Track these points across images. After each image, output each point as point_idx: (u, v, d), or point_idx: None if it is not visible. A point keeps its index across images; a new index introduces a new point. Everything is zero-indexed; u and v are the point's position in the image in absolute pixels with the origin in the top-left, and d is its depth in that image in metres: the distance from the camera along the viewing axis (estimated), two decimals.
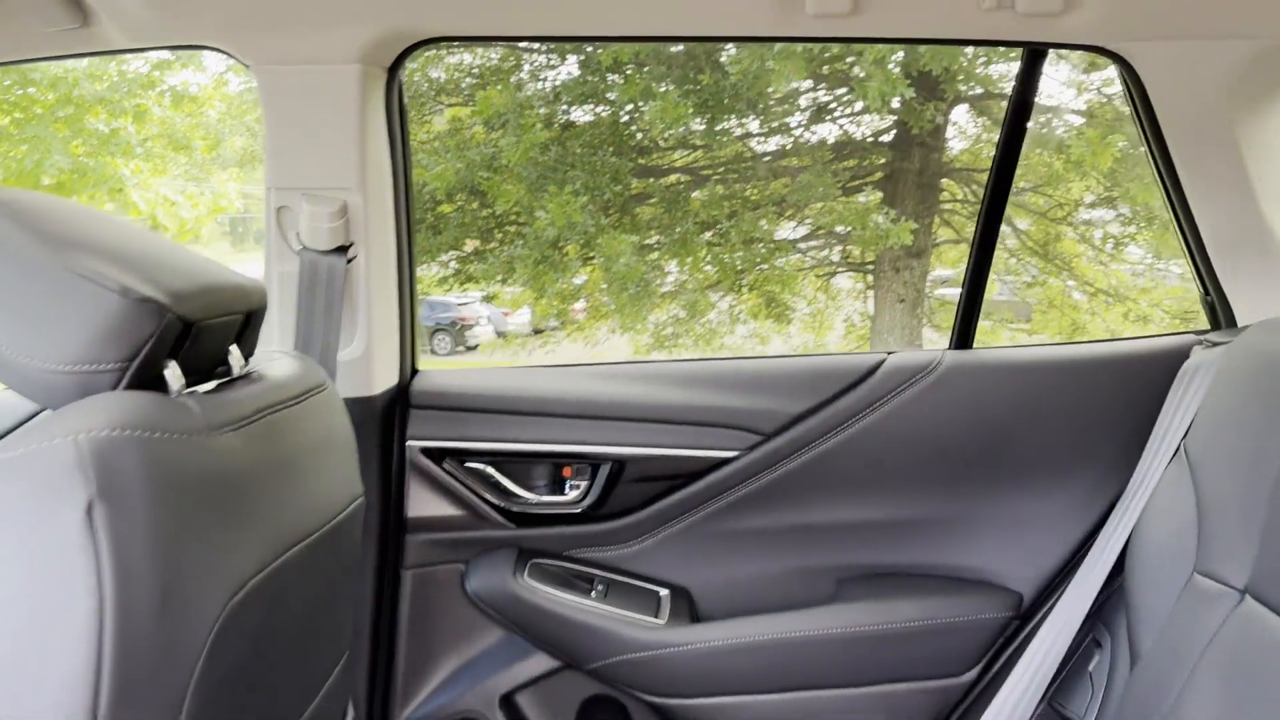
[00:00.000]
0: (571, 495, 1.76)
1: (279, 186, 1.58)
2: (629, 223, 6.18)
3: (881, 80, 4.88)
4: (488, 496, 1.75)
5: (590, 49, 5.95)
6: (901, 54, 4.92)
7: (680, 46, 5.85)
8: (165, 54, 7.60)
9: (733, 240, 6.08)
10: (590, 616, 1.70)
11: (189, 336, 0.99)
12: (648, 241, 6.25)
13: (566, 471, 1.77)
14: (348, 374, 1.63)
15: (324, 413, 1.27)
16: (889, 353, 1.75)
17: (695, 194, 6.28)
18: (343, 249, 1.60)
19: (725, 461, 1.73)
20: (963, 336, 1.77)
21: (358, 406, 1.61)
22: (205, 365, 1.07)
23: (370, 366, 1.65)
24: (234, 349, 1.12)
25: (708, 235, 6.18)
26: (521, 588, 1.71)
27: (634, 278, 5.92)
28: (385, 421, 1.70)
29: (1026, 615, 1.72)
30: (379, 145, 1.61)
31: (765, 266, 6.25)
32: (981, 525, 1.75)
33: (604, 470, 1.74)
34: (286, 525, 1.09)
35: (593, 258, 6.17)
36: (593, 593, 1.73)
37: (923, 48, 5.00)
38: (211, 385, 1.09)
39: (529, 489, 1.77)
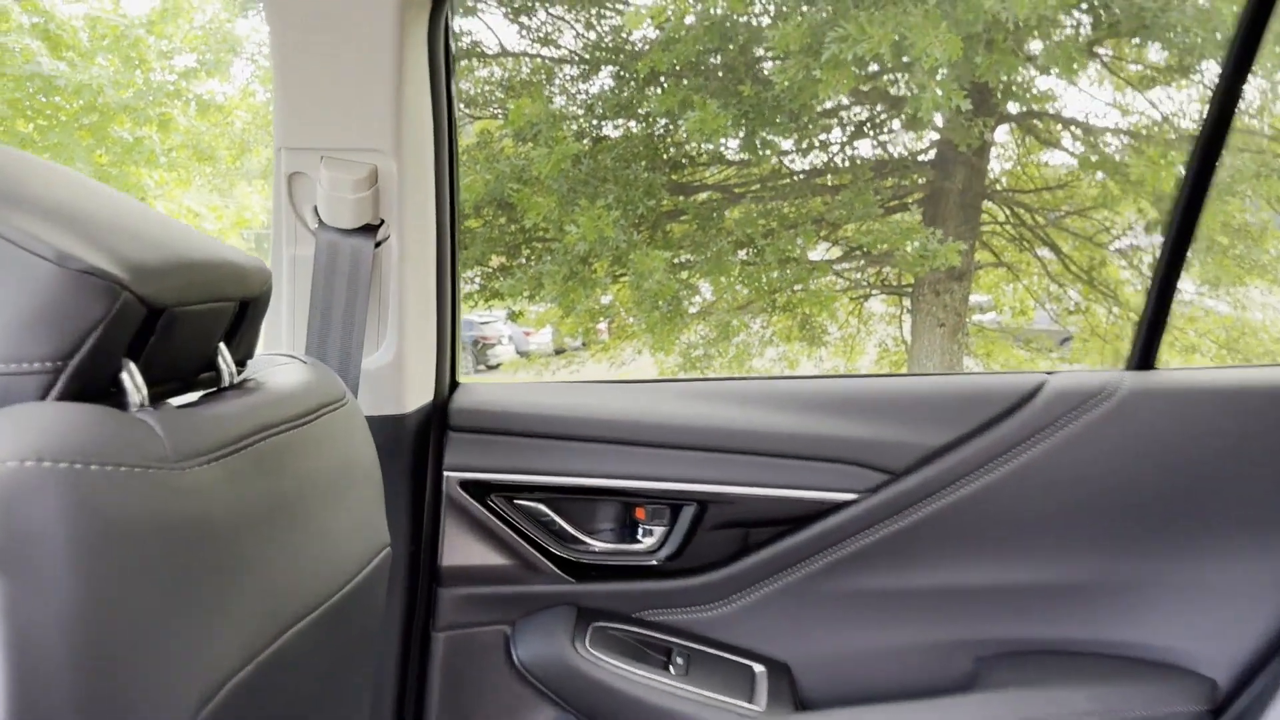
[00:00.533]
0: (645, 543, 1.39)
1: (291, 147, 1.21)
2: (661, 239, 5.85)
3: (937, 90, 4.52)
4: (541, 542, 1.37)
5: (625, 57, 5.64)
6: (953, 60, 4.56)
7: (718, 58, 5.53)
8: (191, 62, 7.34)
9: (768, 259, 5.75)
10: (667, 697, 1.31)
11: (156, 328, 0.70)
12: (678, 260, 5.92)
13: (639, 513, 1.40)
14: (373, 386, 1.26)
15: (342, 436, 0.92)
16: (1049, 373, 1.37)
17: (729, 211, 5.96)
18: (370, 228, 1.23)
19: (841, 505, 1.35)
20: (1145, 355, 1.38)
21: (384, 427, 1.25)
22: (181, 370, 0.74)
23: (401, 377, 1.28)
24: (223, 349, 0.79)
25: (742, 254, 5.84)
26: (581, 658, 1.32)
27: (665, 295, 5.58)
28: (418, 447, 1.33)
29: (1222, 707, 1.33)
30: (418, 97, 1.24)
31: (801, 287, 5.90)
32: (1166, 592, 1.35)
33: (686, 513, 1.36)
34: (287, 595, 0.78)
35: (622, 275, 5.84)
36: (670, 667, 1.34)
37: (980, 56, 4.65)
38: (191, 398, 0.75)
39: (592, 534, 1.39)
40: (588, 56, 5.83)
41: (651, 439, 1.36)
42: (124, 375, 0.67)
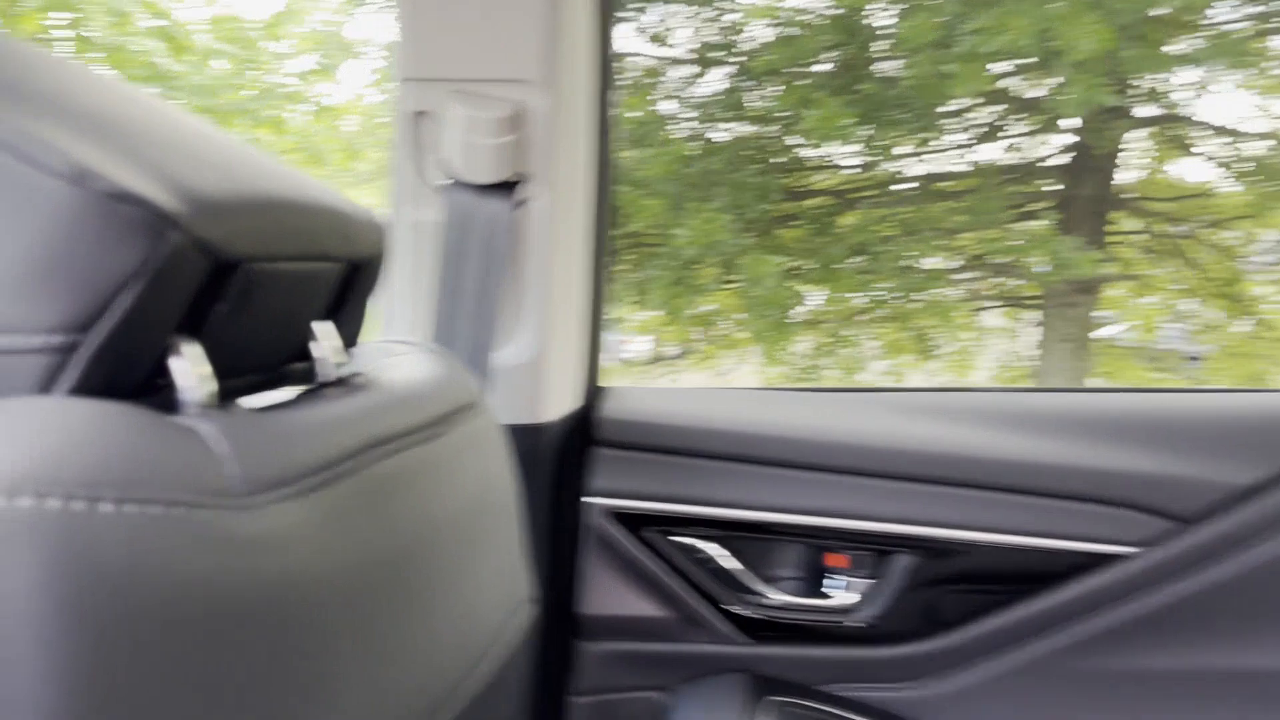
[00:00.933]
0: (841, 598, 1.07)
1: (415, 78, 0.93)
2: (771, 244, 5.55)
3: (1084, 86, 4.11)
4: (707, 589, 1.06)
5: (740, 56, 5.36)
6: (1104, 54, 4.15)
7: (839, 55, 5.21)
8: (305, 64, 7.29)
9: (884, 267, 5.39)
10: None
11: (226, 291, 0.44)
12: (789, 266, 5.61)
13: (835, 559, 1.08)
14: (507, 387, 0.97)
15: (478, 453, 0.62)
16: None
17: (846, 216, 5.62)
18: (509, 185, 0.94)
19: (1109, 560, 1.01)
20: None
21: (519, 440, 0.95)
22: (261, 355, 0.50)
23: (541, 378, 0.98)
24: (323, 329, 0.53)
25: (857, 261, 5.50)
26: None
27: (777, 303, 5.26)
28: (558, 465, 1.03)
29: None
30: (577, 20, 0.95)
31: (922, 296, 5.53)
32: None
33: (898, 562, 1.04)
34: (410, 689, 0.51)
35: (731, 281, 5.55)
36: None
37: (1129, 50, 4.23)
38: (274, 397, 0.51)
39: (772, 582, 1.08)
40: (701, 56, 5.55)
41: (854, 465, 1.05)
42: (175, 359, 0.42)
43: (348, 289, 0.54)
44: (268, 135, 7.12)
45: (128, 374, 0.40)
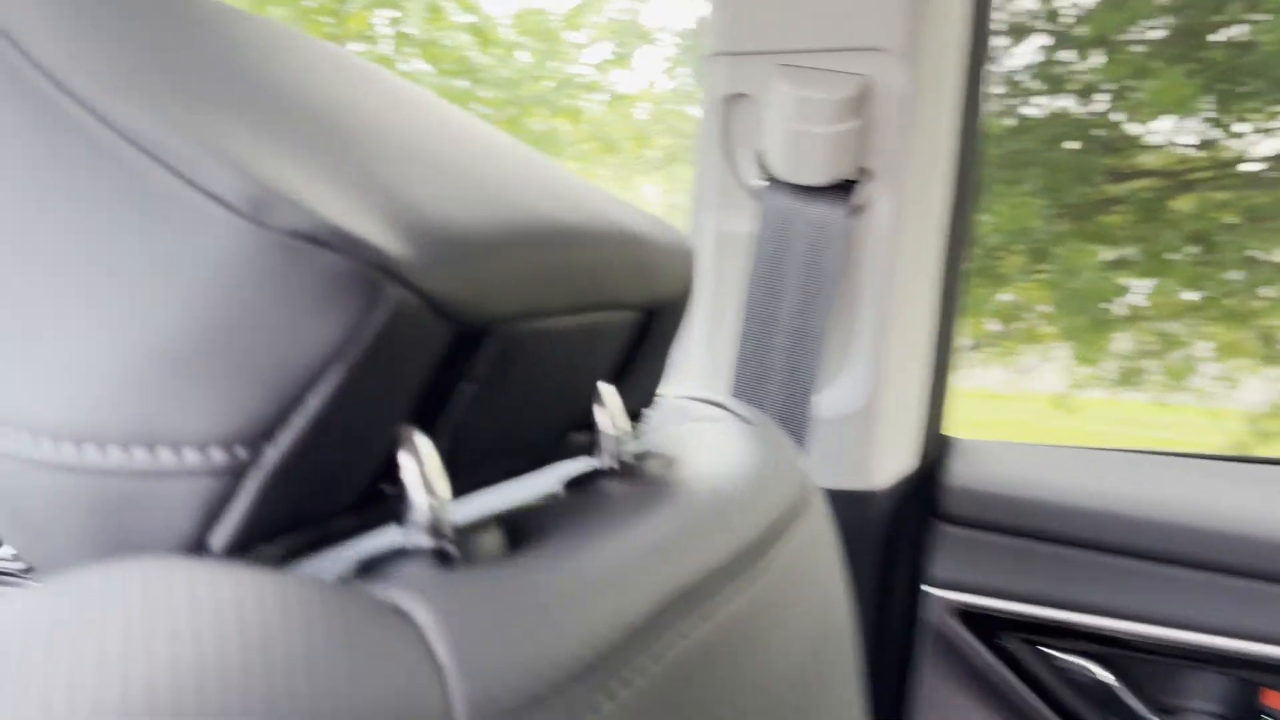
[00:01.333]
0: None
1: (731, 51, 0.72)
2: (1090, 231, 5.00)
3: None
4: (1086, 719, 0.79)
5: (1060, 23, 4.83)
6: None
7: (1178, 19, 4.57)
8: (601, 54, 7.38)
9: (1225, 258, 4.71)
10: None
11: (472, 368, 0.25)
12: (1109, 256, 5.03)
13: (1274, 698, 0.77)
14: (826, 444, 0.74)
15: (812, 572, 0.37)
16: None
17: (1180, 200, 4.97)
18: (844, 186, 0.71)
19: None
20: None
21: (842, 512, 0.73)
22: (517, 440, 0.28)
23: (873, 432, 0.75)
24: (607, 394, 0.28)
25: (1193, 251, 4.85)
26: None
27: (1095, 296, 4.73)
28: (890, 546, 0.80)
29: None
30: None
31: (1269, 292, 4.82)
32: None
33: None
34: None
35: (1040, 270, 5.06)
36: None
37: None
38: (528, 493, 0.29)
39: (1177, 717, 0.80)
40: (1015, 25, 5.06)
41: None
42: (405, 458, 0.25)
43: (642, 339, 0.35)
44: (564, 124, 7.30)
45: (326, 496, 0.23)
